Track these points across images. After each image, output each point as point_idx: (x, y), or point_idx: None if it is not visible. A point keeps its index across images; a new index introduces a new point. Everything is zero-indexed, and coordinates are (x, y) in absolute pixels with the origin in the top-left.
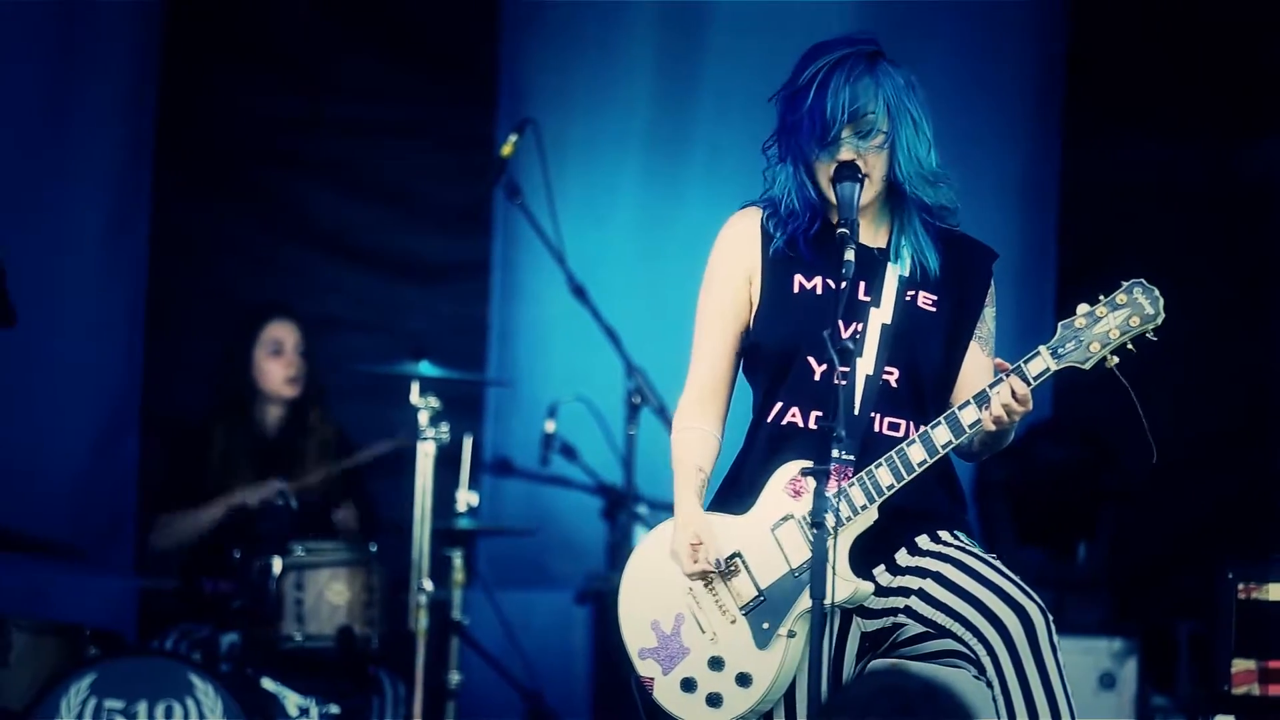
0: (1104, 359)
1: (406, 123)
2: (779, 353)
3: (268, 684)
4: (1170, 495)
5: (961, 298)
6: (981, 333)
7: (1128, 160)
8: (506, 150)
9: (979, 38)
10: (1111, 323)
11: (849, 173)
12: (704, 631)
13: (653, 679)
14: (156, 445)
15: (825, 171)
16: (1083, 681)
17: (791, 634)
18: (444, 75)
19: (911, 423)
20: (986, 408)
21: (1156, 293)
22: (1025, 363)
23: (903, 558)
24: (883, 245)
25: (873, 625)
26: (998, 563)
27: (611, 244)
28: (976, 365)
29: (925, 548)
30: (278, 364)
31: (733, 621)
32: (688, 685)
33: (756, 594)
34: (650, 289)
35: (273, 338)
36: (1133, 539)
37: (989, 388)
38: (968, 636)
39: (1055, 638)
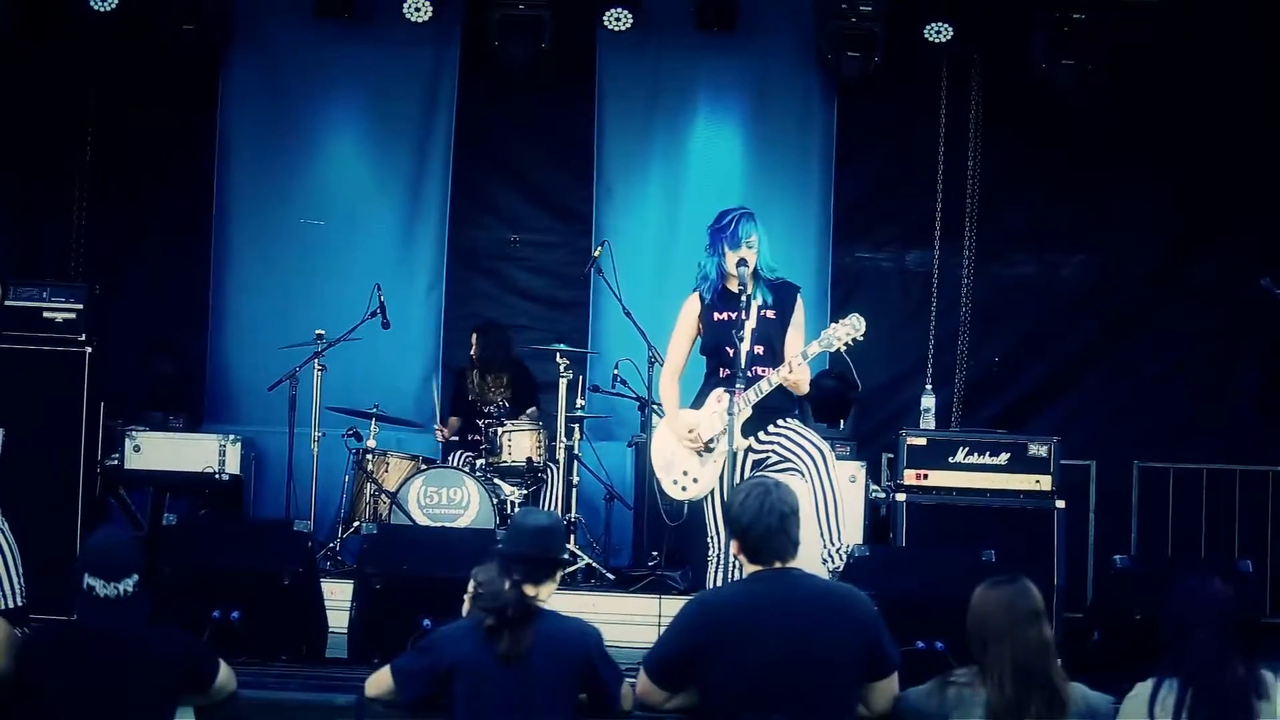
0: (838, 349)
1: (548, 244)
2: (715, 346)
3: (498, 481)
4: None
5: (784, 311)
6: (796, 326)
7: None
8: (596, 253)
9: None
10: (842, 332)
11: (742, 261)
12: (682, 460)
13: (660, 478)
14: (449, 380)
15: (731, 260)
16: (844, 478)
17: (715, 462)
18: (561, 213)
19: (769, 369)
20: (791, 366)
21: (864, 322)
22: (806, 346)
23: (768, 429)
24: (750, 292)
25: (755, 457)
26: (807, 429)
27: (641, 289)
28: (792, 343)
29: (780, 424)
30: (477, 347)
31: (694, 455)
32: (674, 481)
33: (704, 443)
34: (657, 309)
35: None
36: (862, 420)
37: (789, 360)
38: (799, 461)
39: (833, 461)
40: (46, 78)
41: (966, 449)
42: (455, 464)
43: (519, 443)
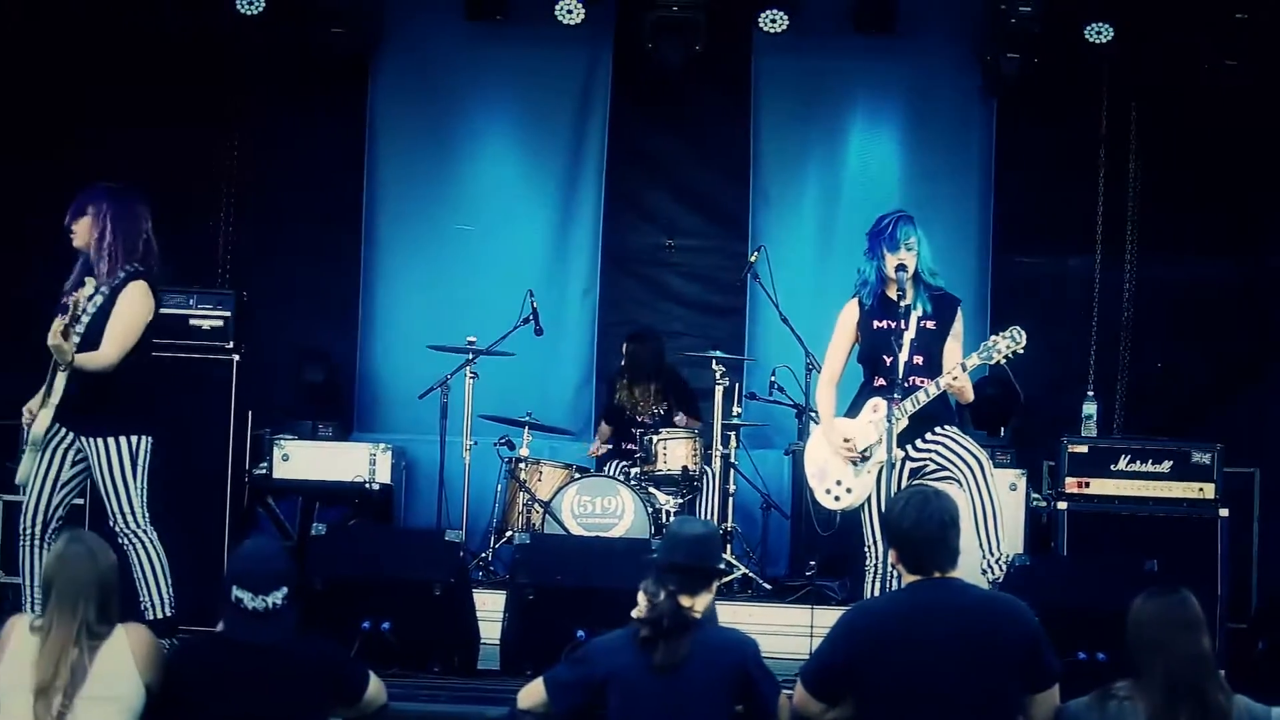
0: (998, 361)
1: (703, 248)
2: (873, 354)
3: (653, 490)
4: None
5: (944, 322)
6: (955, 336)
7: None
8: (753, 258)
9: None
10: (1003, 345)
11: (901, 265)
12: (835, 469)
13: (813, 487)
14: (603, 387)
15: (890, 263)
16: (1003, 486)
17: (869, 472)
18: (717, 217)
19: (927, 379)
20: (953, 376)
21: (1024, 335)
22: (965, 359)
23: (925, 437)
24: (909, 300)
25: (912, 465)
26: (964, 437)
27: (798, 294)
28: (951, 354)
29: (937, 432)
30: (627, 355)
31: (848, 464)
32: (826, 490)
33: (859, 453)
34: (814, 315)
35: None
36: (1028, 429)
37: (949, 370)
38: (957, 470)
39: (991, 469)
40: (192, 81)
41: (1128, 456)
42: (610, 473)
43: (674, 451)
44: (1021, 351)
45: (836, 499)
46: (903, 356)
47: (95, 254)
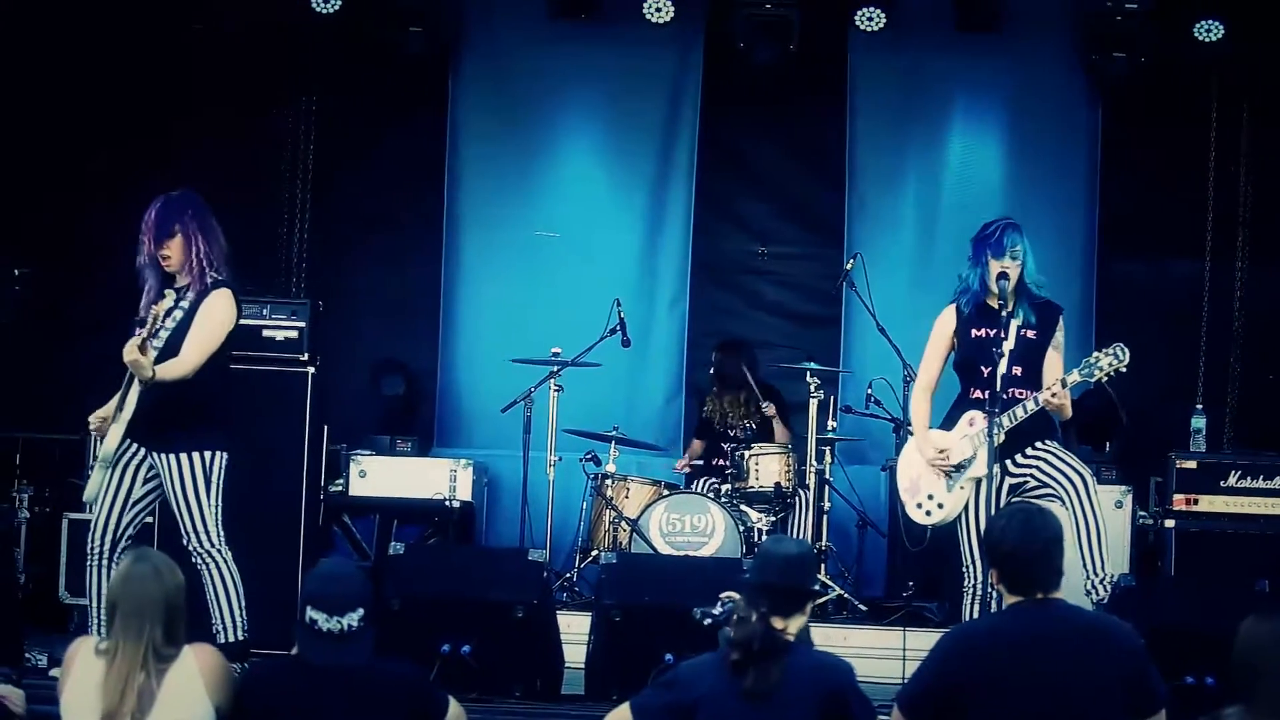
0: (1100, 379)
1: (797, 256)
2: (970, 363)
3: (745, 507)
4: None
5: (1045, 332)
6: (1057, 347)
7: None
8: (849, 266)
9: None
10: (1105, 363)
11: (1004, 274)
12: (928, 483)
13: (904, 500)
14: (693, 401)
15: (994, 271)
16: (1108, 504)
17: (962, 487)
18: (811, 224)
19: (1026, 391)
20: (1052, 393)
21: (1127, 352)
22: (1066, 375)
23: (1025, 452)
24: (1009, 309)
25: (1011, 482)
26: (1067, 453)
27: (895, 304)
28: (1051, 366)
29: (1038, 447)
30: (717, 366)
31: (942, 478)
32: (918, 504)
33: (954, 467)
34: (912, 325)
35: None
36: (1133, 444)
37: (1048, 386)
38: (1058, 486)
39: (1095, 486)
40: (265, 82)
41: (1239, 472)
42: (700, 490)
43: (767, 467)
44: (1124, 370)
45: (927, 514)
46: (1001, 367)
47: (184, 270)
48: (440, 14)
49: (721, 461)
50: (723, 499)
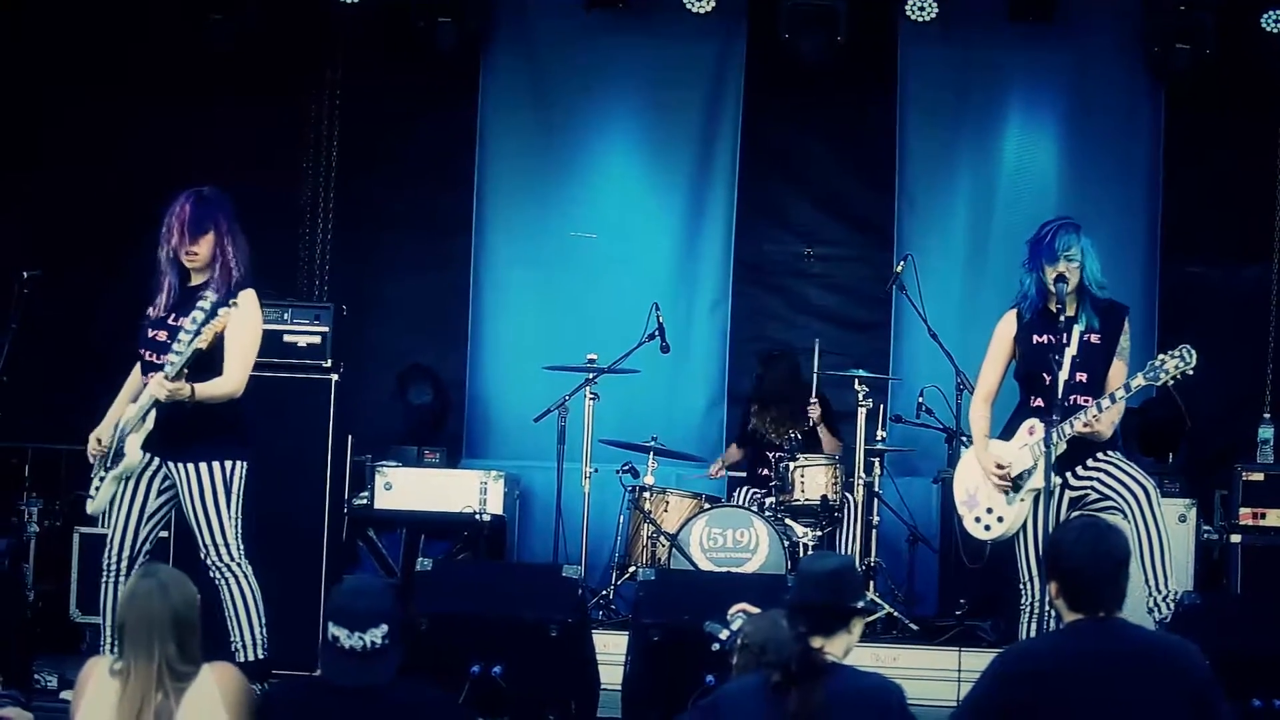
0: (1166, 383)
1: (845, 258)
2: (1031, 371)
3: (790, 521)
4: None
5: (1109, 336)
6: (1121, 353)
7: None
8: (899, 268)
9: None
10: (1171, 366)
11: (1061, 278)
12: (986, 496)
13: (961, 514)
14: (735, 409)
15: (1050, 275)
16: (1171, 518)
17: (1022, 500)
18: (859, 225)
19: (1090, 399)
20: (1096, 411)
21: (1194, 354)
22: (1130, 379)
23: (1087, 464)
24: (1071, 313)
25: (1072, 495)
26: (1129, 464)
27: (948, 308)
28: (1116, 372)
29: (1100, 458)
30: (761, 379)
31: (999, 491)
32: (976, 519)
33: (1012, 481)
34: (965, 331)
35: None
36: (1198, 456)
37: (1111, 392)
38: (1120, 499)
39: (1159, 498)
40: (288, 75)
41: None
42: (742, 503)
43: (813, 479)
44: (1192, 373)
45: (986, 528)
46: (1063, 375)
47: (209, 269)
48: (471, 3)
49: (765, 471)
50: (767, 513)
